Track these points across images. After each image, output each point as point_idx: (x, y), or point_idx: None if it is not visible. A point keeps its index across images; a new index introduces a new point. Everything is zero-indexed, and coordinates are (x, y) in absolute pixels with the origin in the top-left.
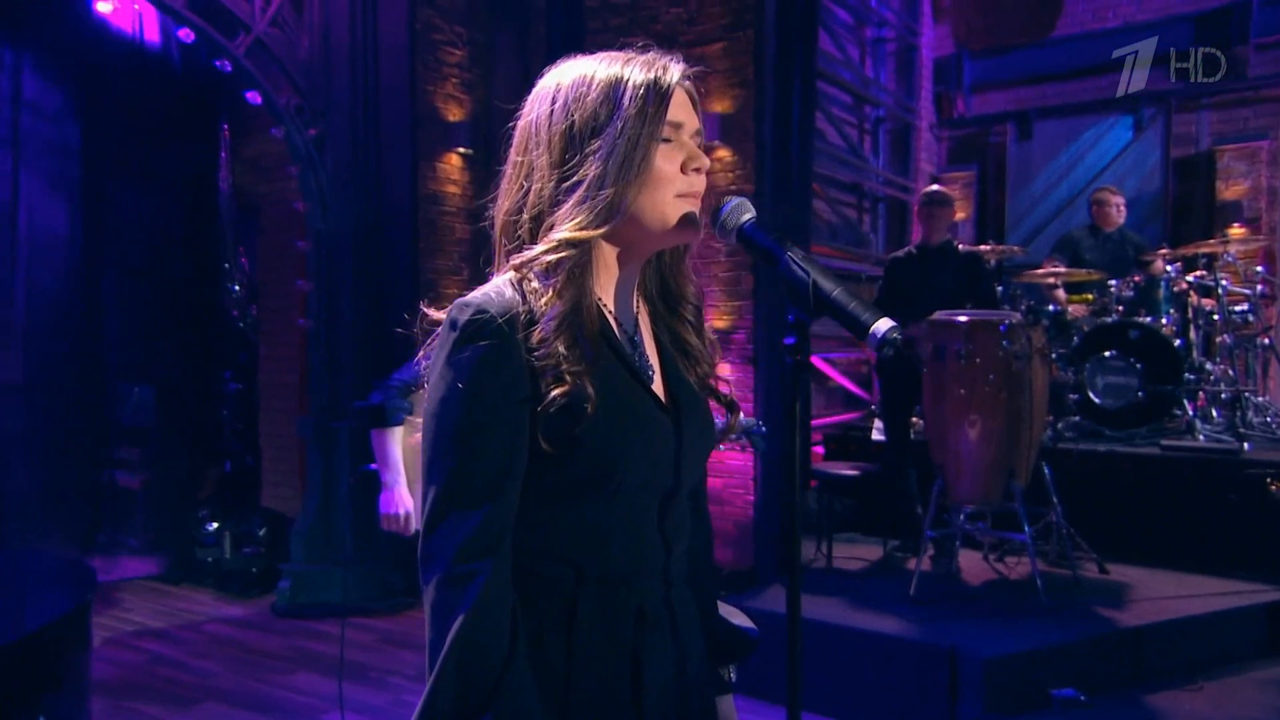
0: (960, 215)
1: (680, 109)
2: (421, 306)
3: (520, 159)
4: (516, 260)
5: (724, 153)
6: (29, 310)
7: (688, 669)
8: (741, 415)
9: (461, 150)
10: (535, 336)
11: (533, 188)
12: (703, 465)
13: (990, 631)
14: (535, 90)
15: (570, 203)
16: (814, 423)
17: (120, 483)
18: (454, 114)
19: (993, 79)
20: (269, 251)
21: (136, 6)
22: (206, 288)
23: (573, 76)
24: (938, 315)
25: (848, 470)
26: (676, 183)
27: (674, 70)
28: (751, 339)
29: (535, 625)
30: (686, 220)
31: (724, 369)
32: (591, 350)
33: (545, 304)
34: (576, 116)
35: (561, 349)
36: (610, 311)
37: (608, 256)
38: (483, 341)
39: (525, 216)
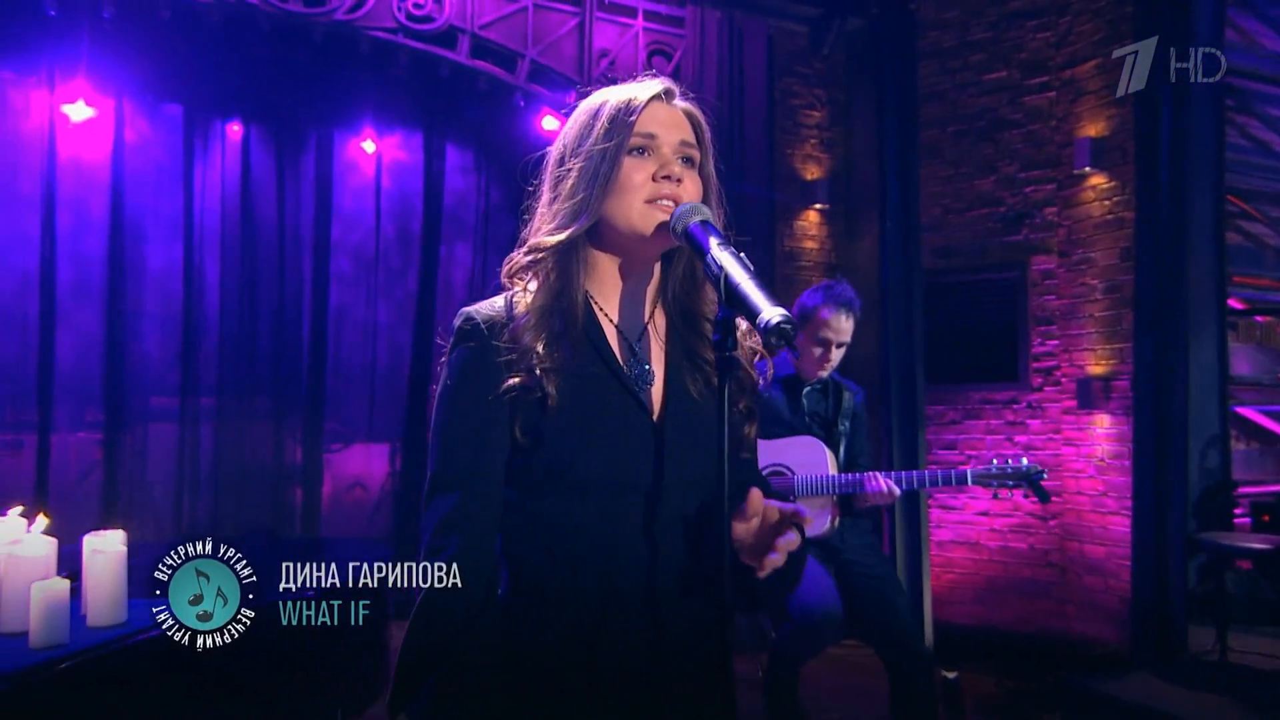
0: None
1: (654, 122)
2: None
3: (541, 193)
4: (503, 270)
5: (1098, 179)
6: None
7: (665, 658)
8: (1025, 460)
9: (819, 206)
10: (509, 334)
11: (537, 215)
12: (699, 474)
13: None
14: None
15: (548, 215)
16: (1249, 489)
17: None
18: (812, 173)
19: None
20: None
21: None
22: None
23: (573, 115)
24: None
25: (1255, 544)
26: (644, 190)
27: (651, 87)
28: (1134, 385)
29: (510, 601)
30: (656, 225)
31: (1103, 420)
32: (570, 351)
33: (524, 307)
34: (564, 146)
35: (535, 346)
36: (610, 319)
37: (606, 267)
38: (468, 344)
39: (528, 238)
